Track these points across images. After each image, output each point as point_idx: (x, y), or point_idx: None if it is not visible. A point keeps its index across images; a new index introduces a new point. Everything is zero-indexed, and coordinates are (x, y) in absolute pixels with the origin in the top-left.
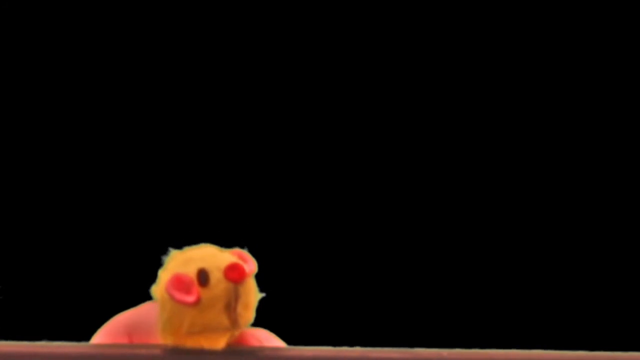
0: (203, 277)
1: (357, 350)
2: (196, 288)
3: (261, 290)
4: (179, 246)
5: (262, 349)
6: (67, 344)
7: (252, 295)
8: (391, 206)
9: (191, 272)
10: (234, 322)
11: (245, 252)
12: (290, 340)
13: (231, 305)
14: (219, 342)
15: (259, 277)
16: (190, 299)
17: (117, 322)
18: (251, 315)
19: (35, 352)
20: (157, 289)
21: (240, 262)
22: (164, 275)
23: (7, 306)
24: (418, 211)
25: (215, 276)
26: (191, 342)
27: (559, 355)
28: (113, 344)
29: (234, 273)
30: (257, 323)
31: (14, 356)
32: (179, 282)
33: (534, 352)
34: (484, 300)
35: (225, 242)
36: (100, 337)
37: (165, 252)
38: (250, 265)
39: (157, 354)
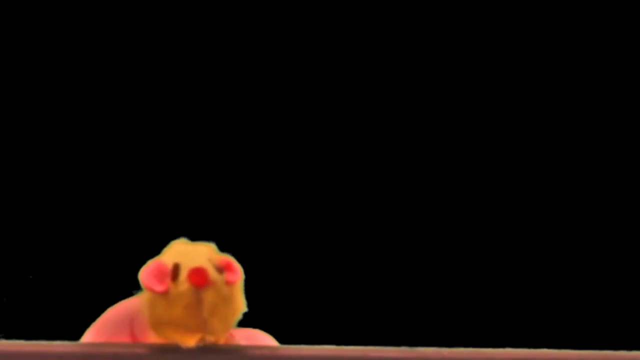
0: (175, 272)
1: (357, 349)
2: (168, 280)
3: (263, 288)
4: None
5: (259, 347)
6: (66, 344)
7: (226, 305)
8: (391, 206)
9: (170, 264)
10: (201, 326)
11: (233, 262)
12: (290, 339)
13: (193, 309)
14: (189, 340)
15: (260, 276)
16: (159, 288)
17: (119, 308)
18: (226, 324)
19: (35, 352)
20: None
21: (206, 268)
22: (152, 260)
23: (7, 306)
24: (418, 211)
25: (183, 275)
26: (163, 332)
27: (559, 355)
28: (97, 343)
29: (195, 277)
30: (256, 322)
31: (13, 356)
32: (156, 270)
33: (534, 351)
34: (484, 300)
35: (226, 241)
36: (104, 321)
37: (156, 253)
38: (233, 276)
39: (140, 352)
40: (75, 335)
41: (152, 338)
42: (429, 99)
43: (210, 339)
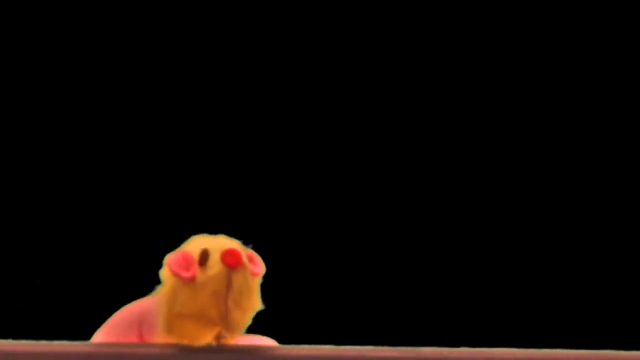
0: (204, 257)
1: (357, 349)
2: (195, 267)
3: (263, 288)
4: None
5: (260, 348)
6: (67, 344)
7: (249, 295)
8: (391, 207)
9: (196, 252)
10: (223, 317)
11: (256, 255)
12: (290, 340)
13: (221, 294)
14: (206, 335)
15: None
16: (187, 274)
17: (130, 310)
18: (245, 319)
19: (36, 351)
20: (164, 269)
21: (240, 250)
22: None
23: (7, 306)
24: (418, 212)
25: (214, 258)
26: (180, 327)
27: (559, 355)
28: (112, 344)
29: (229, 257)
30: (257, 321)
31: (14, 356)
32: (182, 259)
33: (534, 352)
34: (484, 300)
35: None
36: (113, 323)
37: (168, 253)
38: (257, 268)
39: (156, 352)
40: (85, 336)
41: (161, 340)
42: (429, 99)
43: (225, 335)
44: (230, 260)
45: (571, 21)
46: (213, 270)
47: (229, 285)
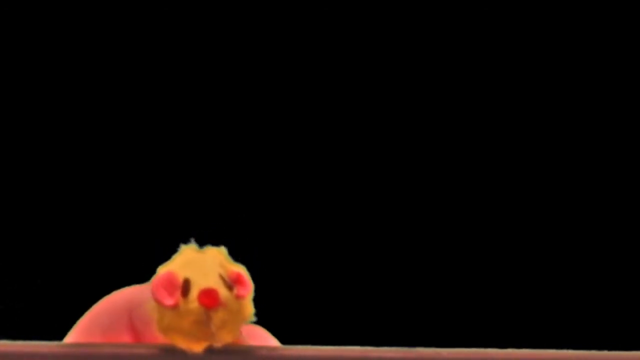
0: (185, 287)
1: (357, 350)
2: (178, 294)
3: (263, 288)
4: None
5: (261, 348)
6: (67, 344)
7: (235, 319)
8: (391, 207)
9: (181, 276)
10: (209, 338)
11: (244, 275)
12: (290, 340)
13: (202, 324)
14: (197, 347)
15: (260, 277)
16: (169, 302)
17: (115, 297)
18: (232, 335)
19: (35, 352)
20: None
21: (216, 289)
22: (163, 269)
23: (6, 306)
24: (418, 211)
25: (193, 293)
26: (172, 338)
27: (559, 355)
28: (101, 344)
29: (205, 299)
30: (257, 321)
31: (14, 356)
32: (167, 281)
33: (534, 352)
34: (483, 300)
35: (226, 241)
36: (98, 311)
37: (160, 252)
38: (243, 290)
39: (144, 353)
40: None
41: (154, 330)
42: (429, 99)
43: (218, 345)
44: (206, 302)
45: (571, 21)
46: (192, 305)
47: (208, 318)
